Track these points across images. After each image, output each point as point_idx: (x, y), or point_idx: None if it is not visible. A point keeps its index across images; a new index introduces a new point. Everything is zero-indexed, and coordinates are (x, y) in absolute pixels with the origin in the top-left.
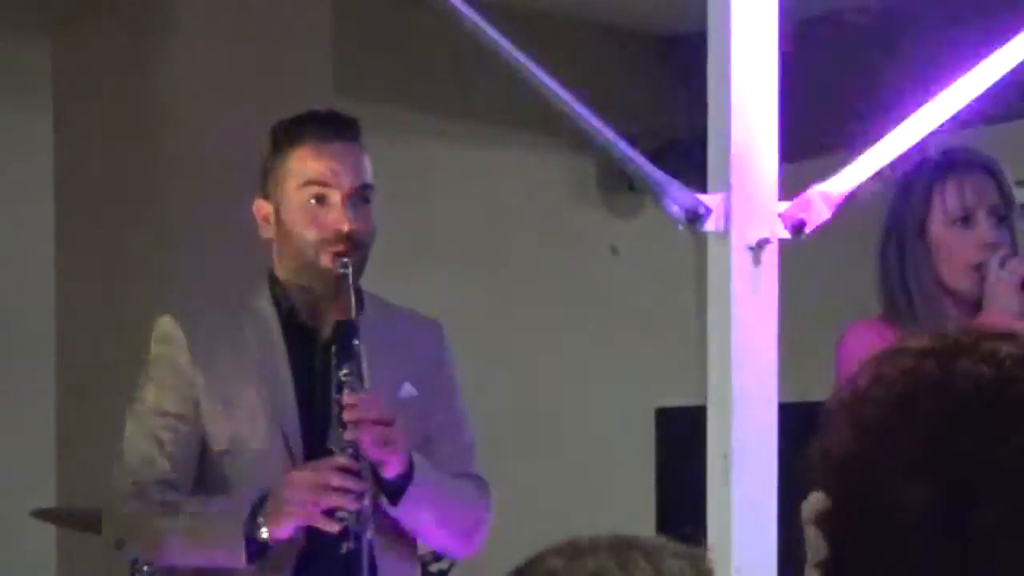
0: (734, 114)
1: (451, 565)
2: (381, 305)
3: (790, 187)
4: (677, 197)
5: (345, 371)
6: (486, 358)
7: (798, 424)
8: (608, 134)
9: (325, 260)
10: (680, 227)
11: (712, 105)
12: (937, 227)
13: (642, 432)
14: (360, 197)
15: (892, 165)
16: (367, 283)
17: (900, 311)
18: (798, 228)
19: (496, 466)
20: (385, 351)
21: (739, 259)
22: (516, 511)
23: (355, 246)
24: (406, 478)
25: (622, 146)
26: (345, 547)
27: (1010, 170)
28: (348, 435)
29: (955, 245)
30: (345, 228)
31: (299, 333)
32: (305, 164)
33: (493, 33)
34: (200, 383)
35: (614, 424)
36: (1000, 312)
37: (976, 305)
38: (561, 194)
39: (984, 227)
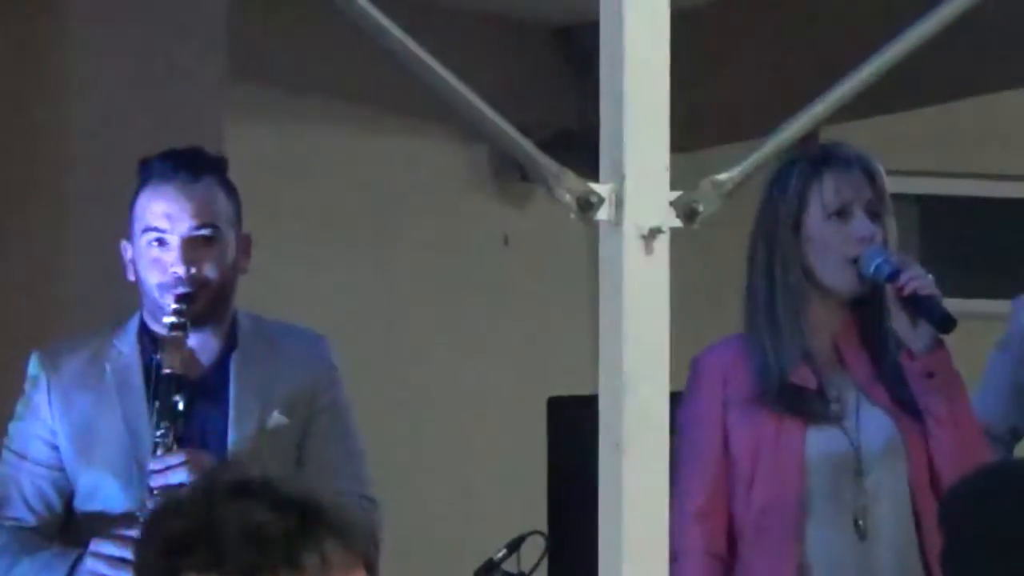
0: (626, 103)
1: None
2: (259, 327)
3: (683, 177)
4: (568, 186)
5: (160, 432)
6: (375, 348)
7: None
8: (499, 122)
9: (168, 305)
10: (572, 216)
11: (604, 94)
12: (813, 221)
13: (534, 422)
14: (202, 238)
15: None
16: (258, 277)
17: (757, 307)
18: (690, 216)
19: (387, 455)
20: (257, 378)
21: (631, 247)
22: (407, 498)
23: (199, 288)
24: None
25: (513, 135)
26: None
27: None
28: (149, 502)
29: (831, 239)
30: (181, 272)
31: (165, 377)
32: (146, 208)
33: (383, 20)
34: (60, 429)
35: (506, 414)
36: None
37: (846, 305)
38: (454, 183)
39: (859, 222)
